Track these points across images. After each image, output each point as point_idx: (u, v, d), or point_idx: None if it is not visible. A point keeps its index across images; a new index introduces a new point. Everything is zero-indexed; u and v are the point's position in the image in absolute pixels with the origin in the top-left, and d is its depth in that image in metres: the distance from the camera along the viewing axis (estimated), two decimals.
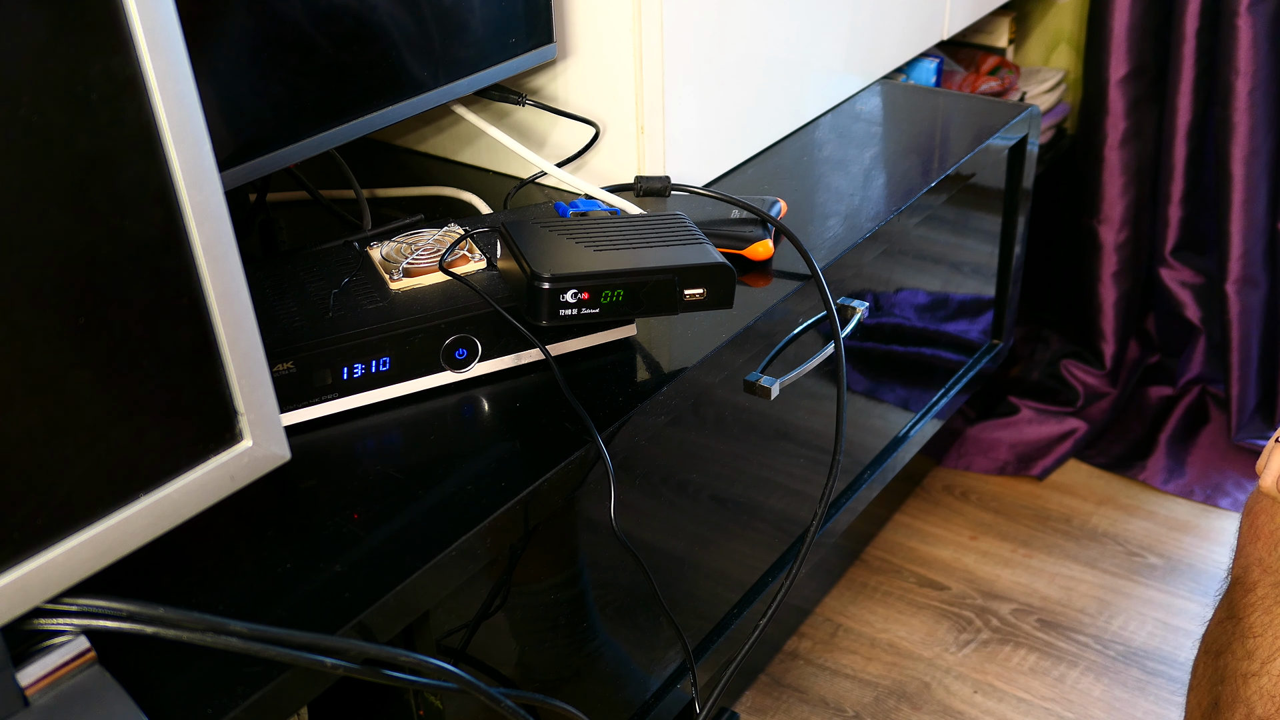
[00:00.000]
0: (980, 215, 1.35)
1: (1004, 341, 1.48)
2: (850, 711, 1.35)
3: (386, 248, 0.90)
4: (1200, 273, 1.79)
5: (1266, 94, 1.61)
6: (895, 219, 1.11)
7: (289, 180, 1.08)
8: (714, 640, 1.06)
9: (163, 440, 0.59)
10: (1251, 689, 0.68)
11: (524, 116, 1.15)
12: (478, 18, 0.99)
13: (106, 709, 0.59)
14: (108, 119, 0.53)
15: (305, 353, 0.79)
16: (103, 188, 0.53)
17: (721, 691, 0.89)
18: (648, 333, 0.93)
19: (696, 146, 1.13)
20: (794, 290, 0.99)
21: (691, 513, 1.00)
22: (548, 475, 0.77)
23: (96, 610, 0.60)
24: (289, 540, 0.72)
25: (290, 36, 0.86)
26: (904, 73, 1.51)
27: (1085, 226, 1.78)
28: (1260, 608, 0.69)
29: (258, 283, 0.85)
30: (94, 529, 0.57)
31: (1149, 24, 1.67)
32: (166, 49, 0.54)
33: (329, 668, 0.63)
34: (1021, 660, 1.41)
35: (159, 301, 0.57)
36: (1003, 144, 1.28)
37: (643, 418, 0.85)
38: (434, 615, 0.75)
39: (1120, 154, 1.72)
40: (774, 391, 0.96)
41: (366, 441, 0.81)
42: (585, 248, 0.84)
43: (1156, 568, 1.53)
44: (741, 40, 1.14)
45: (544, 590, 0.87)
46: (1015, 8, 1.80)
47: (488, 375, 0.87)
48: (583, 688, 0.94)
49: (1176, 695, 1.35)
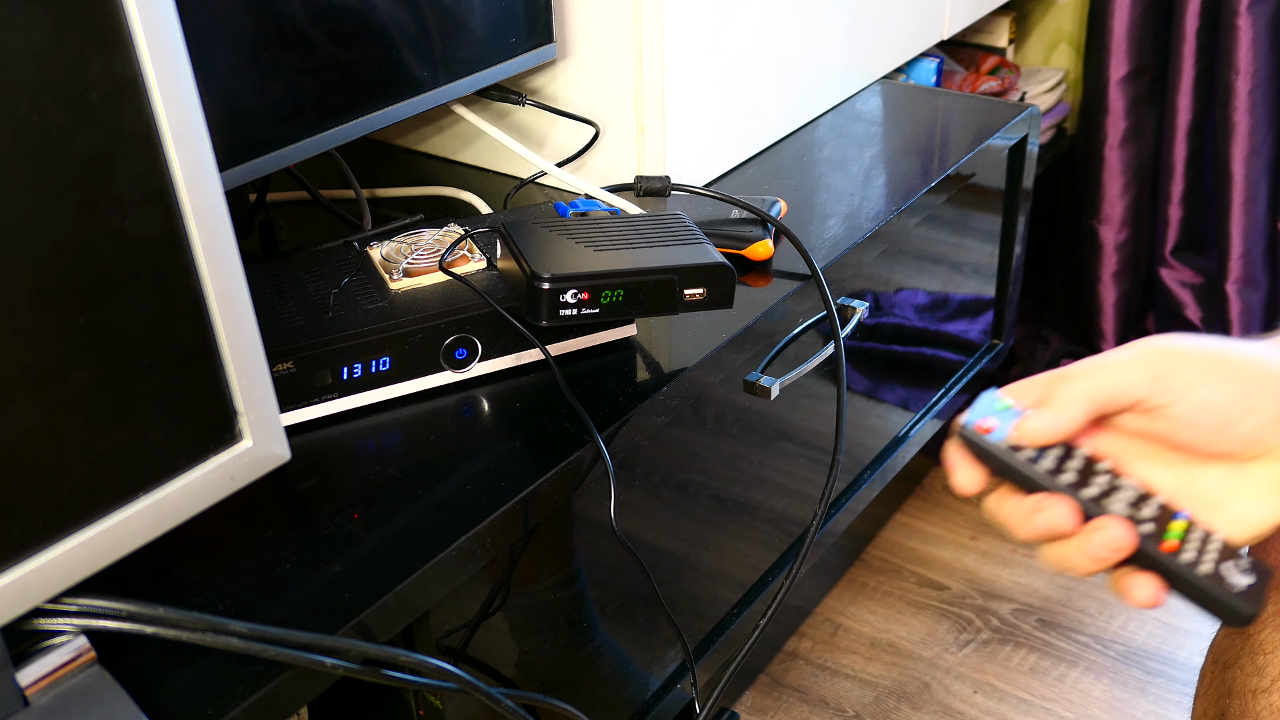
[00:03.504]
0: (980, 215, 1.35)
1: (1004, 341, 1.48)
2: (850, 711, 1.35)
3: (386, 248, 0.90)
4: (1200, 273, 1.79)
5: (1266, 94, 1.61)
6: (895, 219, 1.11)
7: (289, 180, 1.08)
8: (714, 640, 1.06)
9: (163, 440, 0.59)
10: (1261, 705, 0.68)
11: (524, 116, 1.15)
12: (478, 17, 0.99)
13: (106, 709, 0.59)
14: (108, 119, 0.53)
15: (305, 353, 0.79)
16: (103, 188, 0.53)
17: (721, 691, 0.89)
18: (648, 333, 0.93)
19: (696, 146, 1.13)
20: (794, 290, 0.99)
21: (691, 513, 1.00)
22: (548, 475, 0.77)
23: (96, 610, 0.60)
24: (289, 540, 0.72)
25: (290, 36, 0.86)
26: (904, 73, 1.51)
27: (1085, 226, 1.78)
28: (1271, 624, 0.69)
29: (258, 283, 0.85)
30: (94, 529, 0.57)
31: (1149, 24, 1.67)
32: (166, 49, 0.54)
33: (329, 668, 0.63)
34: (1021, 660, 1.41)
35: (159, 301, 0.57)
36: (1003, 144, 1.28)
37: (643, 418, 0.85)
38: (434, 615, 0.75)
39: (1120, 154, 1.72)
40: (774, 391, 0.96)
41: (366, 441, 0.81)
42: (585, 248, 0.84)
43: None
44: (741, 40, 1.14)
45: (544, 590, 0.87)
46: (1015, 8, 1.80)
47: (488, 375, 0.87)
48: (583, 688, 0.94)
49: (1176, 695, 1.35)
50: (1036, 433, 0.57)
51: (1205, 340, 0.57)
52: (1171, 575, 0.56)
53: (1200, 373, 0.56)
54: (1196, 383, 0.55)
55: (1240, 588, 0.55)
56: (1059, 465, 0.58)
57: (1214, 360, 0.56)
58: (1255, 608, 0.55)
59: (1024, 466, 0.57)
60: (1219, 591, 0.55)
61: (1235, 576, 0.56)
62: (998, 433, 0.58)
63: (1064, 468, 0.58)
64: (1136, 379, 0.56)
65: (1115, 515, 0.56)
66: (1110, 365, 0.57)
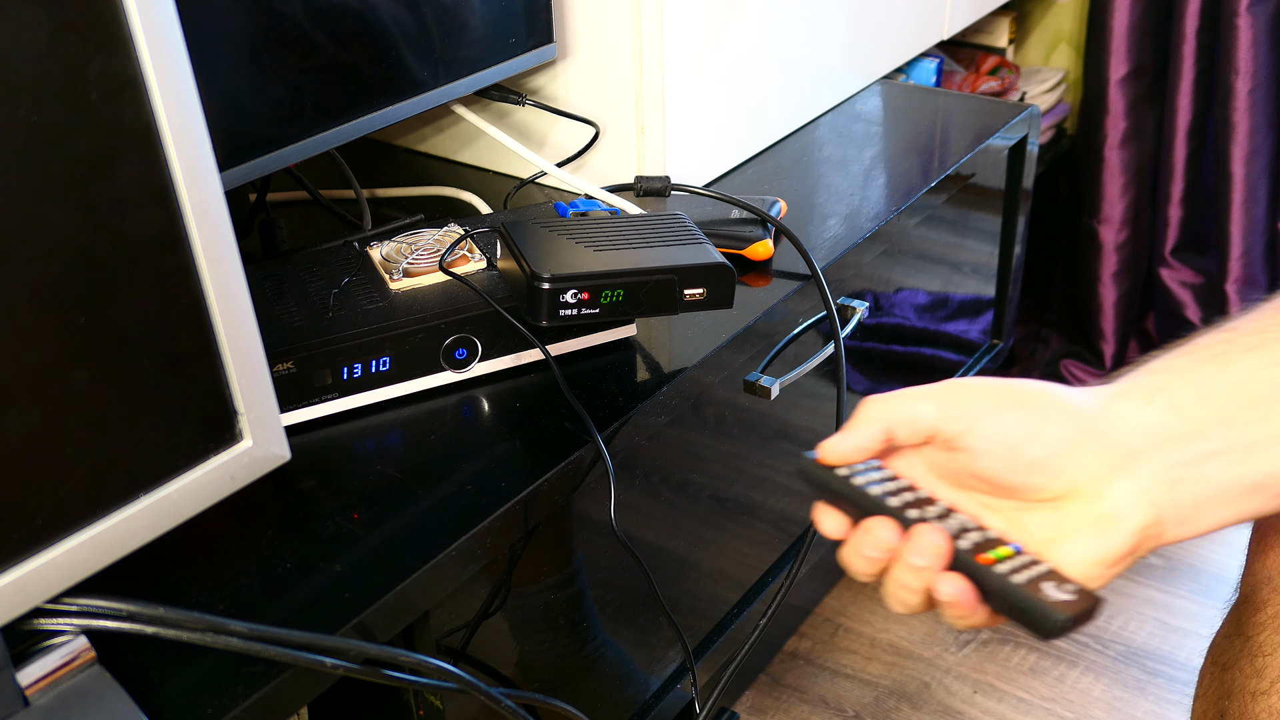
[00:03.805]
0: (980, 215, 1.35)
1: (1004, 341, 1.48)
2: (850, 711, 1.35)
3: (386, 248, 0.90)
4: (1200, 273, 1.79)
5: (1266, 94, 1.61)
6: (895, 219, 1.11)
7: (289, 180, 1.08)
8: (714, 640, 1.06)
9: (163, 440, 0.59)
10: (1260, 707, 0.68)
11: (524, 116, 1.15)
12: (478, 17, 0.99)
13: (106, 709, 0.59)
14: (108, 119, 0.53)
15: (305, 353, 0.79)
16: (103, 188, 0.53)
17: (721, 691, 0.89)
18: (648, 333, 0.93)
19: (696, 146, 1.13)
20: (794, 290, 0.99)
21: (691, 513, 1.00)
22: (548, 475, 0.77)
23: (96, 610, 0.60)
24: (289, 540, 0.72)
25: (290, 36, 0.86)
26: (904, 73, 1.51)
27: (1085, 226, 1.78)
28: (1270, 626, 0.69)
29: (258, 283, 0.85)
30: (94, 529, 0.57)
31: (1149, 24, 1.67)
32: (166, 49, 0.54)
33: (329, 668, 0.63)
34: (1021, 660, 1.41)
35: (159, 301, 0.57)
36: (1003, 144, 1.28)
37: (643, 418, 0.85)
38: (434, 615, 0.75)
39: (1120, 154, 1.72)
40: (774, 391, 0.96)
41: (366, 441, 0.81)
42: (585, 248, 0.84)
43: (1156, 568, 1.53)
44: (741, 40, 1.14)
45: (544, 590, 0.87)
46: (1015, 8, 1.80)
47: (488, 375, 0.87)
48: (583, 688, 0.94)
49: (1176, 695, 1.35)
50: (833, 450, 0.60)
51: (1005, 379, 0.60)
52: (986, 585, 0.55)
53: (990, 404, 0.58)
54: (985, 412, 0.58)
55: (1055, 598, 0.54)
56: (896, 493, 0.59)
57: (1003, 392, 0.58)
58: (1067, 618, 0.53)
59: (853, 490, 0.59)
60: (1031, 600, 0.54)
61: (1053, 591, 0.54)
62: (812, 452, 0.61)
63: (899, 496, 0.59)
64: (928, 409, 0.59)
65: (933, 524, 0.57)
66: (907, 394, 0.60)
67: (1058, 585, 0.55)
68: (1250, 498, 0.57)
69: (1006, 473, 0.58)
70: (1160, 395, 0.57)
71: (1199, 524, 0.57)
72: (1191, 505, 0.56)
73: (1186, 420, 0.56)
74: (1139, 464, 0.56)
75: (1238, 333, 0.58)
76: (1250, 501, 0.57)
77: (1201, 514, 0.57)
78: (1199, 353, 0.58)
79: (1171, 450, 0.56)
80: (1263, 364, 0.57)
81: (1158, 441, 0.56)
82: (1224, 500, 0.57)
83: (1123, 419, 0.57)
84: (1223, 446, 0.56)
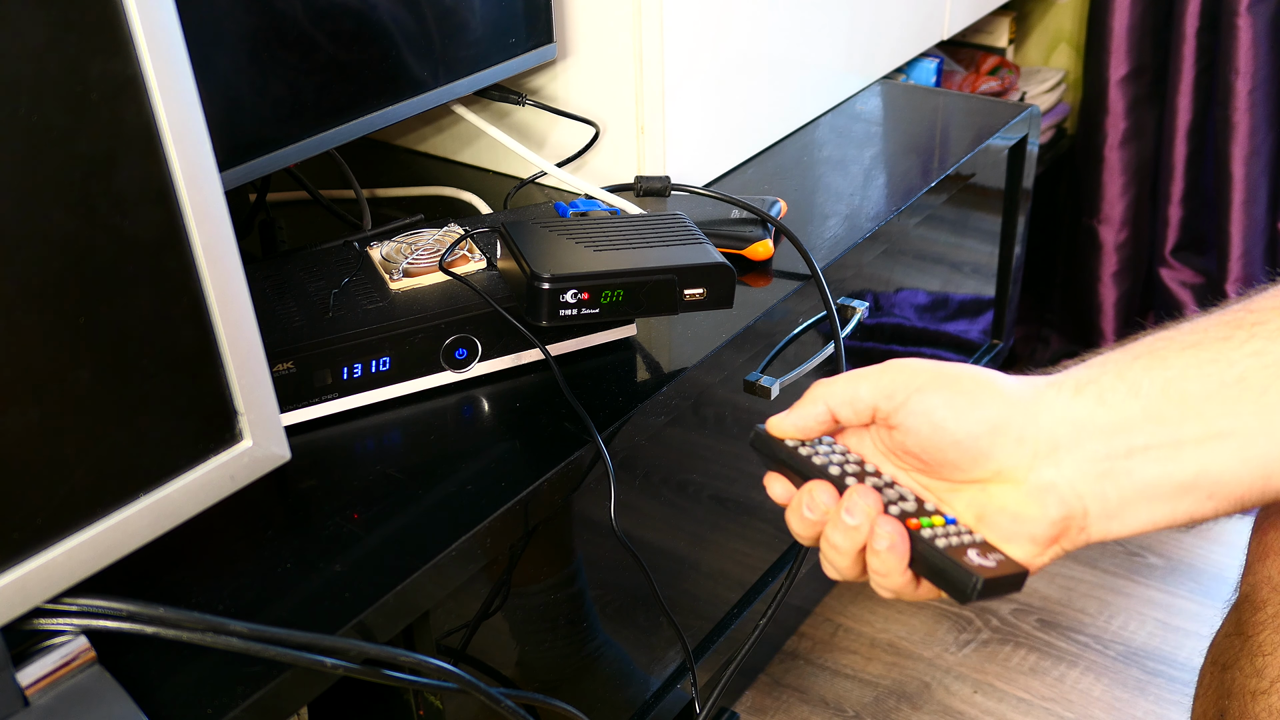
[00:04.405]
0: (980, 215, 1.35)
1: (1004, 341, 1.48)
2: (850, 711, 1.35)
3: (386, 248, 0.90)
4: (1200, 273, 1.79)
5: (1266, 94, 1.61)
6: (895, 219, 1.11)
7: (289, 180, 1.08)
8: (714, 640, 1.06)
9: (163, 440, 0.59)
10: (1260, 706, 0.68)
11: (524, 116, 1.15)
12: (478, 17, 0.99)
13: (106, 709, 0.59)
14: (108, 119, 0.53)
15: (305, 353, 0.79)
16: (103, 188, 0.53)
17: (721, 691, 0.89)
18: (648, 333, 0.93)
19: (696, 146, 1.13)
20: (794, 290, 0.99)
21: (691, 513, 1.00)
22: (548, 475, 0.77)
23: (96, 610, 0.60)
24: (289, 540, 0.72)
25: (290, 36, 0.86)
26: (904, 73, 1.51)
27: (1085, 226, 1.78)
28: (1270, 626, 0.69)
29: (258, 283, 0.85)
30: (94, 529, 0.57)
31: (1149, 24, 1.67)
32: (166, 49, 0.54)
33: (329, 668, 0.63)
34: (1021, 660, 1.41)
35: (159, 301, 0.57)
36: (1003, 144, 1.28)
37: (643, 418, 0.85)
38: (434, 615, 0.75)
39: (1120, 154, 1.72)
40: (774, 391, 0.96)
41: (366, 441, 0.81)
42: (585, 248, 0.84)
43: (1156, 568, 1.53)
44: (741, 40, 1.14)
45: (544, 590, 0.87)
46: (1015, 8, 1.80)
47: (488, 375, 0.87)
48: (583, 688, 0.94)
49: (1176, 695, 1.35)
50: (778, 424, 0.64)
51: (945, 363, 0.61)
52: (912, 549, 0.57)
53: (921, 382, 0.59)
54: (916, 390, 0.59)
55: (975, 563, 0.55)
56: (841, 464, 0.62)
57: (937, 372, 0.60)
58: (983, 580, 0.54)
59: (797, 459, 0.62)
60: (949, 561, 0.55)
61: (975, 557, 0.55)
62: (763, 425, 0.65)
63: (842, 467, 0.62)
64: (867, 388, 0.61)
65: (867, 486, 0.59)
66: (851, 375, 0.62)
67: (981, 553, 0.56)
68: (1181, 497, 0.56)
69: (932, 450, 0.59)
70: (1091, 387, 0.57)
71: (1128, 522, 0.57)
72: (1118, 500, 0.56)
73: (1114, 413, 0.56)
74: (1064, 454, 0.57)
75: (1180, 331, 0.58)
76: (1182, 502, 0.56)
77: (1130, 511, 0.57)
78: (1136, 348, 0.58)
79: (1097, 442, 0.56)
80: (1197, 362, 0.56)
81: (1083, 433, 0.57)
82: (1153, 498, 0.56)
83: (1050, 409, 0.57)
84: (1151, 442, 0.56)
